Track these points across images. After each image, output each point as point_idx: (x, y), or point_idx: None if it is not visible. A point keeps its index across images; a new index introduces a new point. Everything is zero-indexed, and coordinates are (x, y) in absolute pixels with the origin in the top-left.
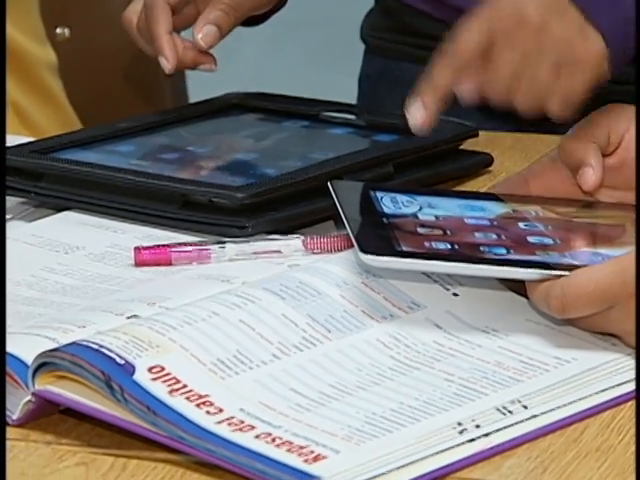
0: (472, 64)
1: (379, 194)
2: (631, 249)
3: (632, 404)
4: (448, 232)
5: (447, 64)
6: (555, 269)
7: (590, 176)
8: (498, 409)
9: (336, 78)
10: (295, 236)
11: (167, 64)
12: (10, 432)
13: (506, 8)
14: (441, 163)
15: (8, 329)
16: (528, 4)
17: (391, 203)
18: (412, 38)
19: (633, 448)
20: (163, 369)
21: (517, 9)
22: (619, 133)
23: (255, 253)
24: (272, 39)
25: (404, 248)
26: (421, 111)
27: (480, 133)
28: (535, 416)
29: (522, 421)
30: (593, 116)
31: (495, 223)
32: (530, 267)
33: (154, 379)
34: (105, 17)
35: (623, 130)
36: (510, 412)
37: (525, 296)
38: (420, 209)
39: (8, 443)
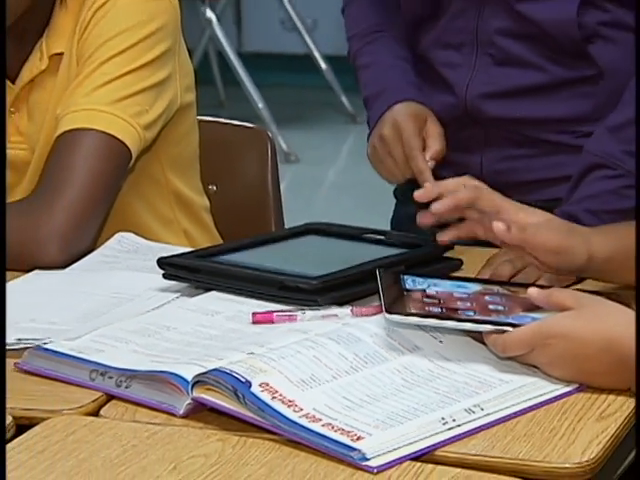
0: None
1: (405, 276)
2: (548, 315)
3: (547, 407)
4: (442, 301)
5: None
6: (502, 326)
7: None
8: (466, 410)
9: (371, 217)
10: (347, 306)
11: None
12: (176, 421)
13: None
14: (433, 264)
15: (175, 361)
16: None
17: (412, 283)
18: None
19: (547, 434)
20: (268, 385)
21: None
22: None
23: (323, 317)
24: (334, 197)
25: (412, 310)
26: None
27: (455, 247)
28: (488, 414)
29: (480, 417)
30: None
31: (470, 296)
32: (487, 324)
33: (262, 391)
34: (237, 178)
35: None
36: (474, 412)
37: (483, 342)
38: (428, 286)
39: (176, 428)
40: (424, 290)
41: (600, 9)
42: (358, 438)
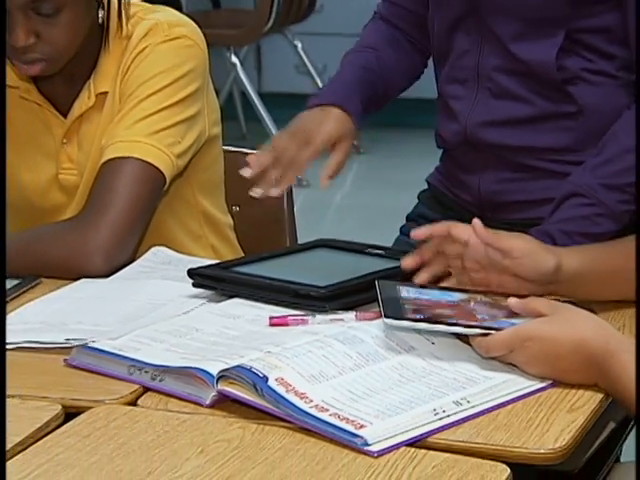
0: None
1: (401, 286)
2: (525, 320)
3: (524, 401)
4: (433, 307)
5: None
6: (485, 329)
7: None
8: (454, 402)
9: (373, 235)
10: (352, 312)
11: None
12: (203, 410)
13: None
14: None
15: (202, 358)
16: None
17: (406, 292)
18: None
19: (524, 424)
20: (283, 379)
21: None
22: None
23: (331, 320)
24: (340, 218)
25: (408, 316)
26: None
27: None
28: (473, 406)
29: (467, 409)
30: None
31: (457, 303)
32: (473, 328)
33: (278, 384)
34: (257, 200)
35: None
36: (461, 404)
37: (469, 343)
38: (420, 295)
39: (203, 417)
40: (417, 298)
41: (582, 57)
42: (361, 426)
